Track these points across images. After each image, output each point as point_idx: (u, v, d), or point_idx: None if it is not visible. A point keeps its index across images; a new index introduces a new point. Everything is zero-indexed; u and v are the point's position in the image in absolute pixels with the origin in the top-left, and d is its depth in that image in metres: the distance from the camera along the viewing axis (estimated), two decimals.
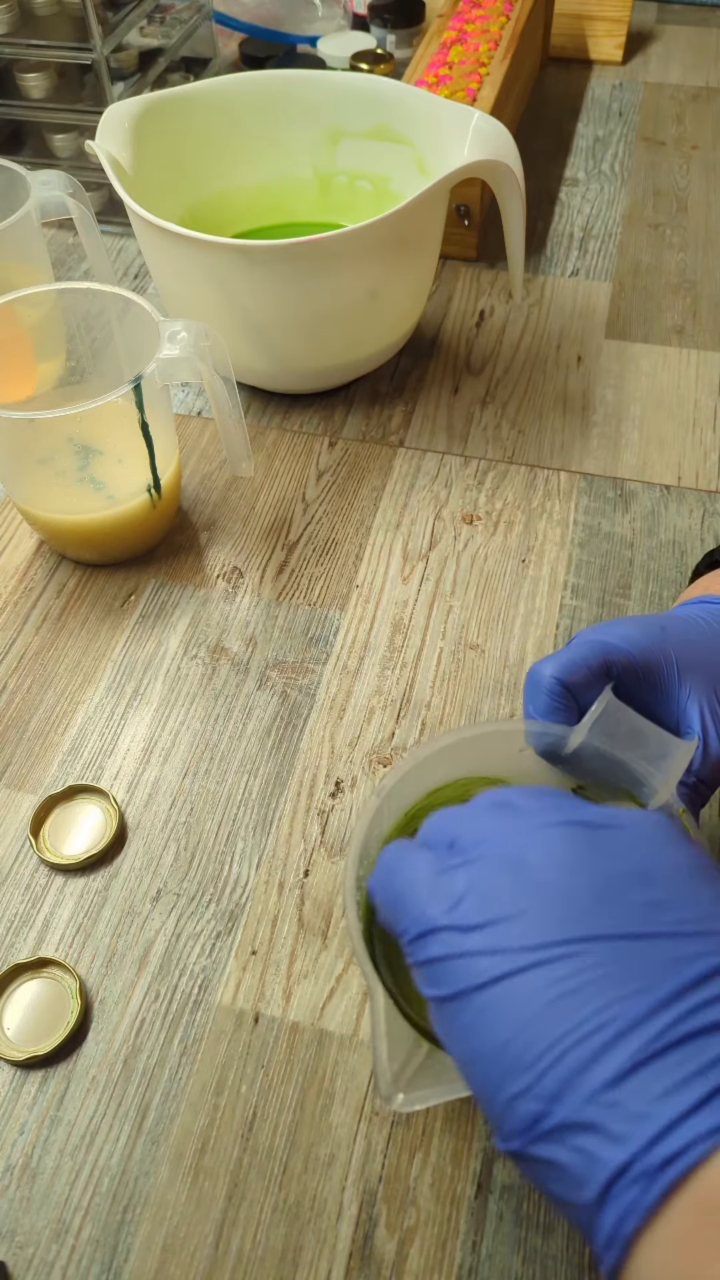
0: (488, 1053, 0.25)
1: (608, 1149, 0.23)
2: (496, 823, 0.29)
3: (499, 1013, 0.25)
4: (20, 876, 0.45)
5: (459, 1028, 0.26)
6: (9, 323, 0.54)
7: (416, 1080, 0.30)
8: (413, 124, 0.64)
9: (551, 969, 0.25)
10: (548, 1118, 0.24)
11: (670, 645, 0.37)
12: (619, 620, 0.38)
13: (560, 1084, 0.24)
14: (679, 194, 0.84)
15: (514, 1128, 0.25)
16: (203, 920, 0.44)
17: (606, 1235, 0.23)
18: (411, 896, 0.28)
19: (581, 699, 0.36)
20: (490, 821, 0.29)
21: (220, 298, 0.57)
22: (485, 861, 0.28)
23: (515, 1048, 0.25)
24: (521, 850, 0.28)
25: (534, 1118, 0.24)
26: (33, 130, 0.83)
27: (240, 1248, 0.36)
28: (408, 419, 0.65)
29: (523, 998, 0.25)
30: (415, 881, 0.29)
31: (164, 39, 0.84)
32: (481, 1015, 0.26)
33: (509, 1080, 0.25)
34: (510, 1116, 0.25)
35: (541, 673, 0.36)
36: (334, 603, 0.55)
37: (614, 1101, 0.23)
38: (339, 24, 0.99)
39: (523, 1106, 0.24)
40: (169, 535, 0.58)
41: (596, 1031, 0.24)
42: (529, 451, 0.63)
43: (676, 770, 0.34)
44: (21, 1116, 0.39)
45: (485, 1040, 0.25)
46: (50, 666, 0.53)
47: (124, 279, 0.77)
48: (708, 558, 0.48)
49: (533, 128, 0.92)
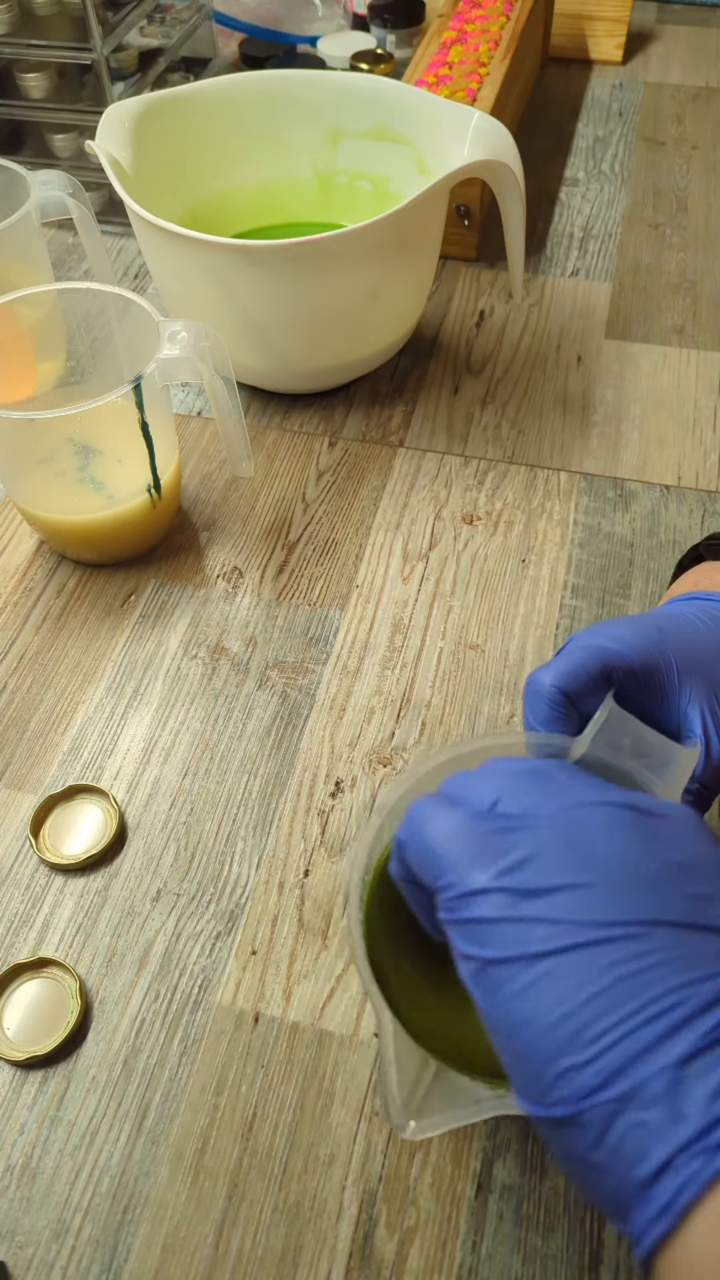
0: (542, 1022, 0.25)
1: (672, 1125, 0.24)
2: (541, 791, 0.29)
3: (559, 984, 0.25)
4: (20, 876, 0.45)
5: (509, 993, 0.26)
6: (9, 323, 0.54)
7: (427, 1105, 0.30)
8: (413, 124, 0.64)
9: (617, 947, 0.25)
10: (607, 1089, 0.24)
11: (668, 647, 0.36)
12: (614, 621, 0.37)
13: (626, 1060, 0.24)
14: (679, 194, 0.84)
15: (566, 1095, 0.25)
16: (203, 920, 0.44)
17: (660, 1206, 0.24)
18: (454, 851, 0.28)
19: (582, 706, 0.35)
20: (534, 789, 0.29)
21: (220, 298, 0.57)
22: (544, 829, 0.28)
23: (576, 1021, 0.25)
24: (576, 823, 0.28)
25: (591, 1089, 0.25)
26: (33, 130, 0.83)
27: (240, 1248, 0.36)
28: (408, 419, 0.65)
29: (586, 972, 0.25)
30: (457, 833, 0.28)
31: (164, 39, 0.84)
32: (538, 984, 0.26)
33: (566, 1051, 0.25)
34: (563, 1085, 0.25)
35: (541, 682, 0.35)
36: (334, 603, 0.55)
37: (679, 1079, 0.24)
38: (339, 24, 0.99)
39: (580, 1078, 0.25)
40: (169, 535, 0.58)
41: (663, 1014, 0.24)
42: (529, 451, 0.63)
43: (681, 778, 0.34)
44: (21, 1116, 0.39)
45: (539, 1010, 0.26)
46: (50, 666, 0.53)
47: (124, 279, 0.77)
48: (692, 551, 0.47)
49: (533, 128, 0.92)
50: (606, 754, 0.33)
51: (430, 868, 0.29)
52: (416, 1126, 0.29)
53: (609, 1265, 0.35)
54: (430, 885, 0.29)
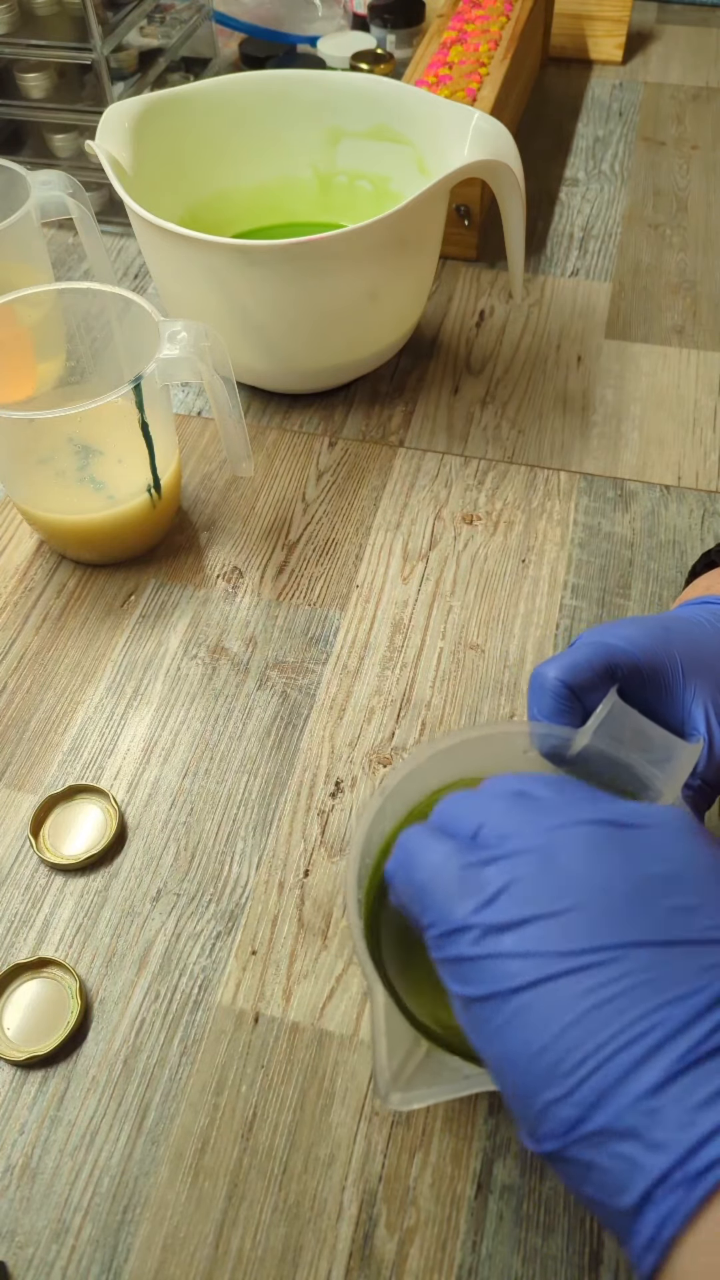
0: (523, 1056, 0.25)
1: (649, 1156, 0.23)
2: (522, 815, 0.29)
3: (535, 1017, 0.25)
4: (20, 876, 0.45)
5: (491, 1029, 0.26)
6: (9, 323, 0.54)
7: (415, 1079, 0.30)
8: (413, 124, 0.64)
9: (589, 975, 0.25)
10: (586, 1123, 0.24)
11: (674, 647, 0.36)
12: (622, 621, 0.38)
13: (601, 1091, 0.24)
14: (679, 194, 0.84)
15: (550, 1130, 0.25)
16: (203, 920, 0.44)
17: (646, 1239, 0.23)
18: (437, 888, 0.28)
19: (586, 701, 0.35)
20: (515, 814, 0.29)
21: (220, 298, 0.57)
22: (517, 858, 0.27)
23: (553, 1054, 0.25)
24: (552, 848, 0.27)
25: (573, 1123, 0.24)
26: (33, 130, 0.83)
27: (240, 1248, 0.36)
28: (408, 419, 0.65)
29: (560, 1003, 0.25)
30: (440, 872, 0.28)
31: (164, 39, 0.84)
32: (516, 1019, 0.25)
33: (547, 1085, 0.25)
34: (547, 1119, 0.25)
35: (545, 674, 0.36)
36: (334, 603, 0.55)
37: (655, 1109, 0.23)
38: (339, 24, 0.99)
39: (561, 1112, 0.24)
40: (169, 535, 0.58)
41: (637, 1040, 0.24)
42: (529, 451, 0.63)
43: (681, 773, 0.34)
44: (21, 1116, 0.39)
45: (520, 1044, 0.25)
46: (50, 666, 0.53)
47: (124, 279, 0.77)
48: (705, 558, 0.48)
49: (533, 128, 0.92)
50: (608, 746, 0.34)
51: (415, 905, 0.29)
52: (402, 1098, 0.29)
53: (609, 1265, 0.35)
54: (416, 922, 0.29)
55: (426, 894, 0.28)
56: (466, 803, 0.30)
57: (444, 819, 0.30)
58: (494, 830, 0.28)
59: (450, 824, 0.30)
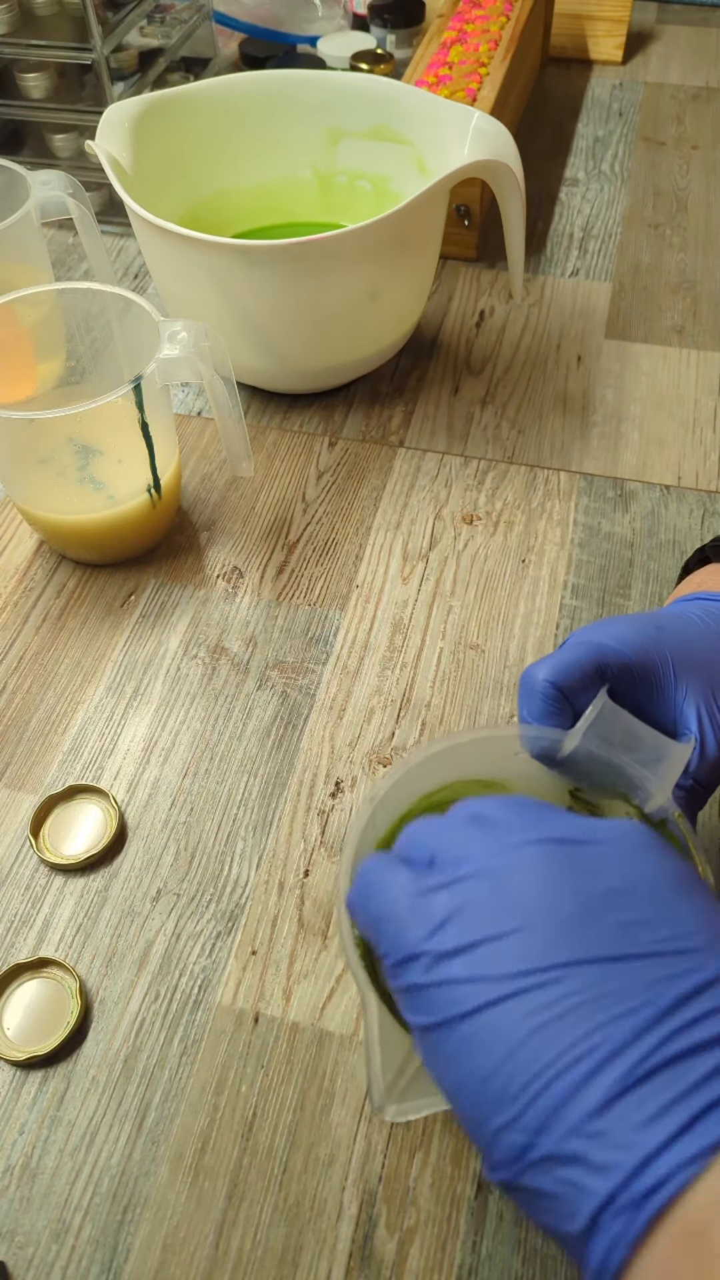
0: (472, 1084, 0.25)
1: (593, 1180, 0.23)
2: (475, 839, 0.28)
3: (481, 1043, 0.25)
4: (20, 876, 0.45)
5: (443, 1057, 0.26)
6: (9, 323, 0.54)
7: (410, 1089, 0.30)
8: (413, 124, 0.64)
9: (532, 997, 0.24)
10: (533, 1150, 0.23)
11: (666, 645, 0.36)
12: (612, 619, 0.37)
13: (544, 1116, 0.23)
14: (679, 194, 0.84)
15: (501, 1158, 0.24)
16: (203, 920, 0.44)
17: (596, 1266, 0.23)
18: (390, 918, 0.28)
19: (576, 702, 0.35)
20: (469, 838, 0.28)
21: (220, 298, 0.57)
22: (465, 883, 0.27)
23: (499, 1079, 0.24)
24: (503, 870, 0.27)
25: (520, 1149, 0.24)
26: (33, 130, 0.83)
27: (240, 1248, 0.36)
28: (408, 419, 0.65)
29: (504, 1028, 0.24)
30: (394, 901, 0.28)
31: (164, 39, 0.84)
32: (464, 1045, 0.25)
33: (494, 1112, 0.24)
34: (497, 1147, 0.24)
35: (535, 676, 0.35)
36: (334, 603, 0.55)
37: (597, 1132, 0.23)
38: (339, 24, 0.99)
39: (508, 1138, 0.24)
40: (169, 535, 0.58)
41: (579, 1061, 0.24)
42: (529, 451, 0.63)
43: (673, 773, 0.34)
44: (21, 1116, 0.39)
45: (469, 1071, 0.25)
46: (50, 666, 0.53)
47: (124, 279, 0.77)
48: (698, 553, 0.48)
49: (533, 128, 0.92)
50: (599, 748, 0.34)
51: (372, 935, 0.28)
52: (397, 1109, 0.29)
53: None
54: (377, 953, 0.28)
55: (381, 923, 0.28)
56: (424, 829, 0.30)
57: (403, 847, 0.30)
58: (447, 856, 0.28)
59: (409, 851, 0.29)
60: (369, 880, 0.29)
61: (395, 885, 0.28)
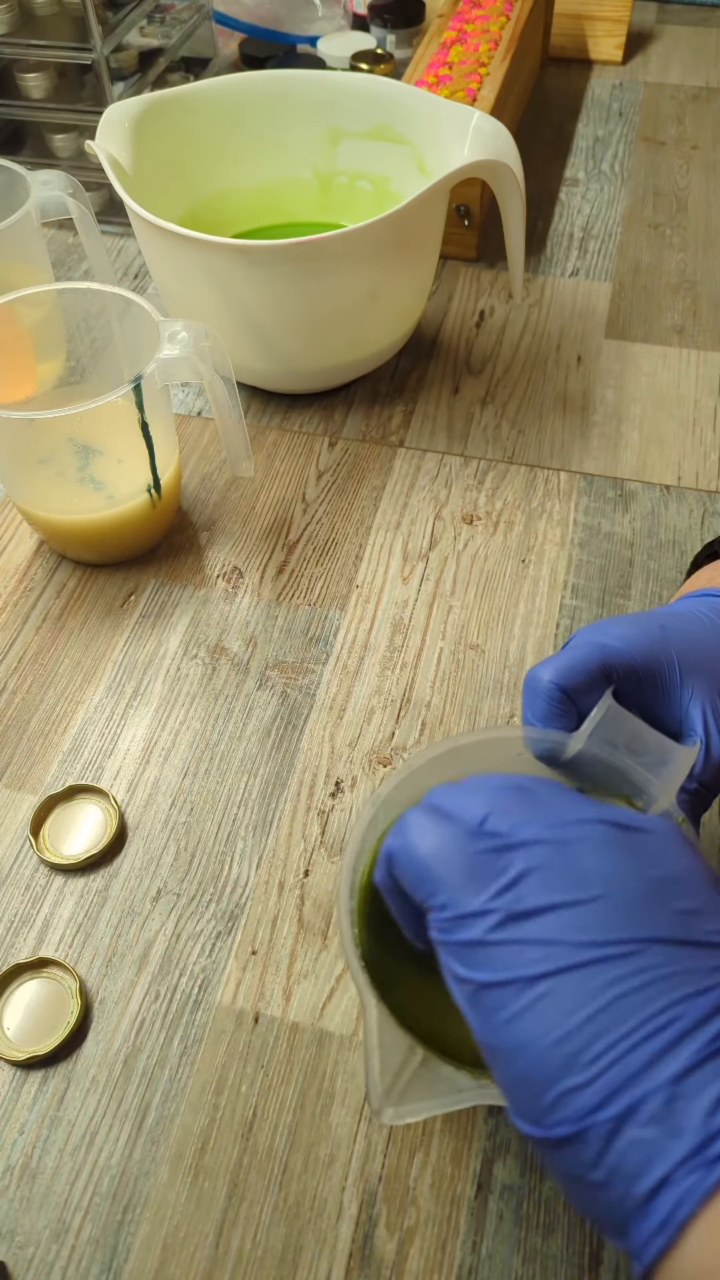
0: (539, 1045, 0.25)
1: (670, 1140, 0.24)
2: (528, 808, 0.28)
3: (555, 1006, 0.25)
4: (20, 876, 0.45)
5: (504, 1016, 0.26)
6: (9, 323, 0.54)
7: (409, 1093, 0.30)
8: (413, 124, 0.64)
9: (612, 966, 0.25)
10: (606, 1108, 0.24)
11: (672, 646, 0.36)
12: (617, 619, 0.37)
13: (625, 1078, 0.24)
14: (679, 194, 0.84)
15: (566, 1116, 0.25)
16: (203, 920, 0.44)
17: (659, 1221, 0.24)
18: (448, 870, 0.28)
19: (580, 703, 0.35)
20: (522, 805, 0.29)
21: (220, 298, 0.57)
22: (534, 847, 0.27)
23: (575, 1042, 0.25)
24: (567, 840, 0.27)
25: (591, 1109, 0.25)
26: (33, 130, 0.83)
27: (240, 1248, 0.36)
28: (408, 419, 0.65)
29: (582, 993, 0.25)
30: (450, 854, 0.28)
31: (164, 39, 0.84)
32: (534, 1006, 0.26)
33: (565, 1073, 0.25)
34: (563, 1107, 0.25)
35: (539, 677, 0.35)
36: (334, 603, 0.55)
37: (676, 1096, 0.24)
38: (339, 24, 0.99)
39: (579, 1099, 0.25)
40: (169, 535, 0.58)
41: (661, 1030, 0.25)
42: (529, 451, 0.63)
43: (677, 777, 0.34)
44: (21, 1116, 0.39)
45: (537, 1032, 0.26)
46: (50, 666, 0.53)
47: (124, 279, 0.77)
48: (707, 548, 0.47)
49: (533, 128, 0.92)
50: (603, 751, 0.33)
51: (421, 885, 0.28)
52: (395, 1112, 0.29)
53: (609, 1265, 0.35)
54: (421, 902, 0.29)
55: (434, 875, 0.28)
56: (468, 791, 0.30)
57: (442, 804, 0.30)
58: (502, 819, 0.28)
59: (452, 809, 0.29)
60: (415, 828, 0.29)
61: (448, 837, 0.28)
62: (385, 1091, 0.29)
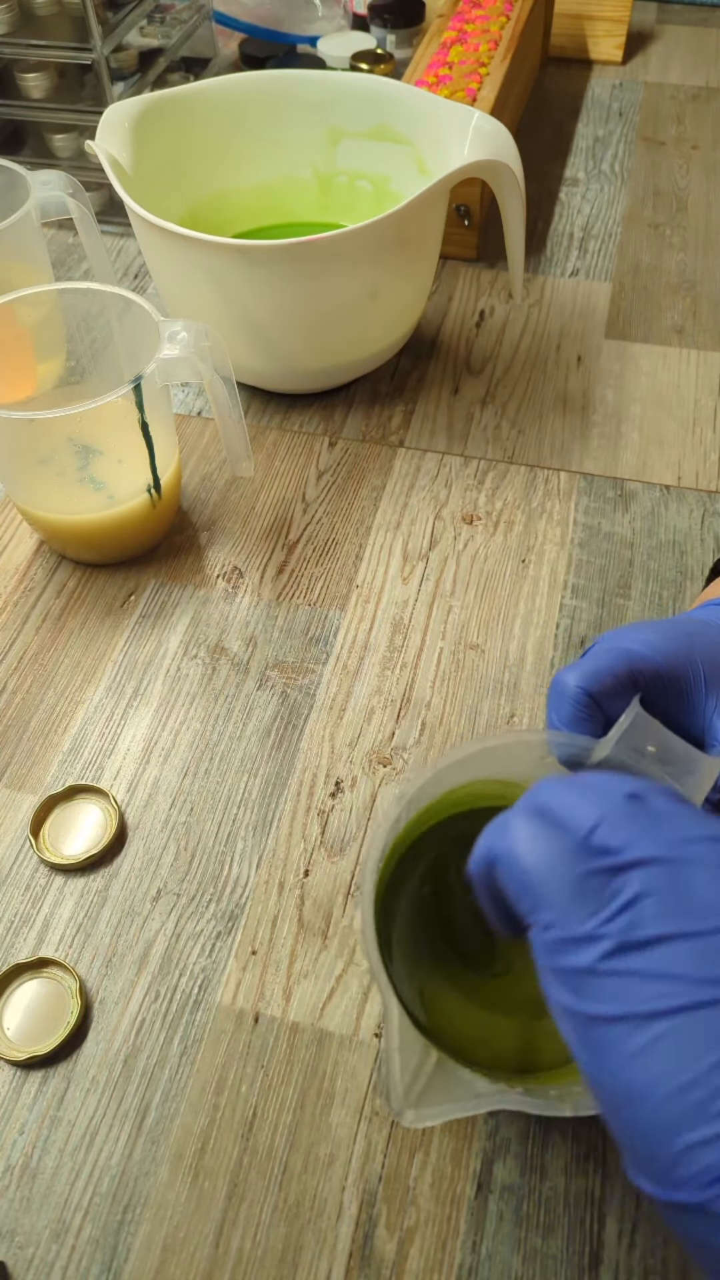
0: (659, 1091, 0.23)
1: None
2: (644, 822, 0.26)
3: (677, 1048, 0.23)
4: (20, 876, 0.45)
5: (619, 1056, 0.24)
6: (9, 323, 0.54)
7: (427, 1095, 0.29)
8: (413, 124, 0.64)
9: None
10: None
11: (698, 653, 0.35)
12: (642, 624, 0.37)
13: None
14: (679, 194, 0.84)
15: (690, 1175, 0.23)
16: (203, 920, 0.44)
17: None
18: (556, 886, 0.26)
19: (606, 709, 0.34)
20: (636, 818, 0.27)
21: (220, 298, 0.57)
22: (652, 869, 0.25)
23: (702, 1090, 0.23)
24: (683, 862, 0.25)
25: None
26: (33, 130, 0.83)
27: (240, 1248, 0.36)
28: (408, 419, 0.65)
29: (710, 1036, 0.23)
30: (559, 868, 0.26)
31: (164, 39, 0.84)
32: (653, 1048, 0.23)
33: (691, 1125, 0.23)
34: (688, 1164, 0.23)
35: (565, 682, 0.35)
36: (334, 603, 0.55)
37: None
38: (339, 24, 0.99)
39: (707, 1156, 0.22)
40: (169, 535, 0.58)
41: None
42: (529, 451, 0.63)
43: (703, 787, 0.33)
44: (21, 1116, 0.39)
45: (656, 1076, 0.23)
46: (50, 666, 0.53)
47: (124, 279, 0.77)
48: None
49: (533, 128, 0.92)
50: (629, 758, 0.33)
51: (526, 897, 0.27)
52: (415, 1115, 0.29)
53: (609, 1265, 0.35)
54: (523, 916, 0.27)
55: (543, 890, 0.26)
56: (579, 793, 0.28)
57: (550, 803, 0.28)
58: (613, 832, 0.26)
59: (559, 811, 0.27)
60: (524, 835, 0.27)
61: (557, 849, 0.26)
62: (405, 1092, 0.29)
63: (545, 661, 0.52)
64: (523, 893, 0.27)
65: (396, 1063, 0.29)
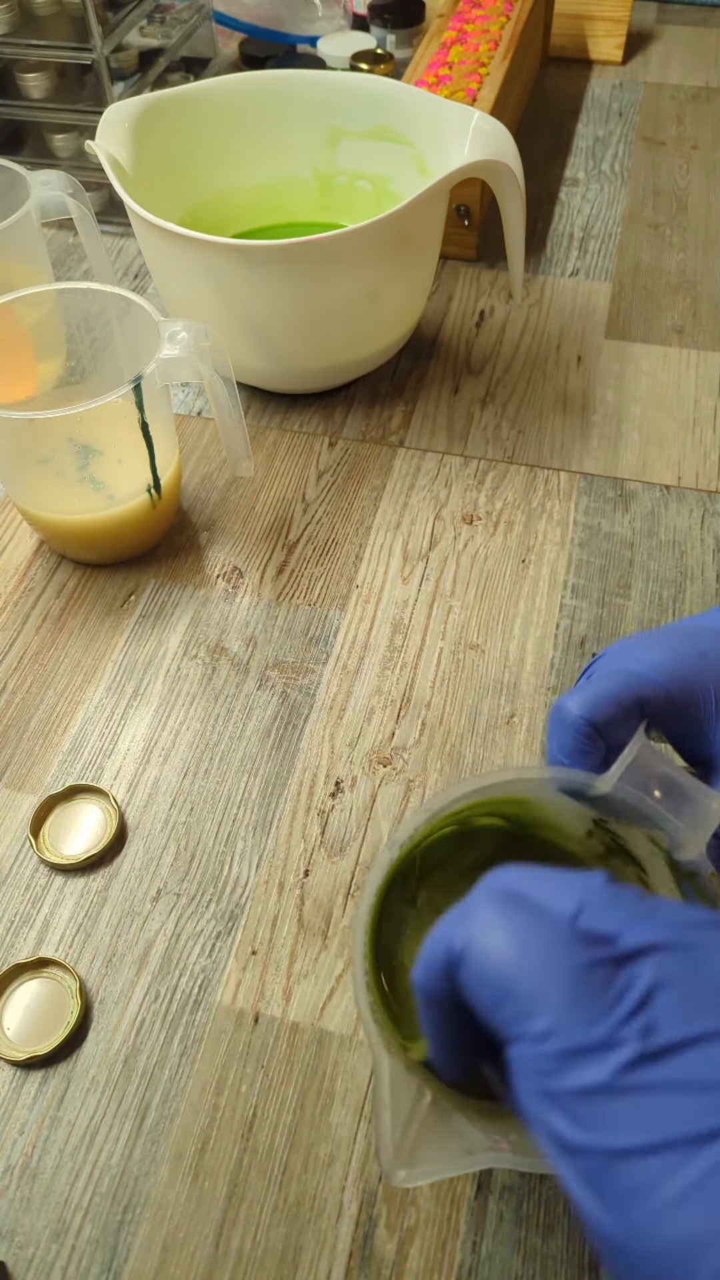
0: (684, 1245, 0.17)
1: None
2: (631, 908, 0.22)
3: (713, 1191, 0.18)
4: (20, 876, 0.45)
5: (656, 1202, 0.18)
6: (9, 323, 0.54)
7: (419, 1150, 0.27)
8: (413, 124, 0.64)
9: None
10: None
11: (709, 675, 0.32)
12: (650, 640, 0.34)
13: None
14: (679, 194, 0.84)
15: None
16: (203, 920, 0.44)
17: None
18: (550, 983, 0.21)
19: (610, 738, 0.32)
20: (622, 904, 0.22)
21: (220, 298, 0.57)
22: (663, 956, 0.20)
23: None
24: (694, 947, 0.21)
25: None
26: (33, 130, 0.83)
27: (240, 1248, 0.36)
28: (408, 419, 0.65)
29: None
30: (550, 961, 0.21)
31: (164, 39, 0.84)
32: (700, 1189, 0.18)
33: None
34: None
35: (567, 709, 0.32)
36: (334, 603, 0.55)
37: None
38: (339, 24, 0.99)
39: None
40: (169, 535, 0.58)
41: None
42: (529, 451, 0.63)
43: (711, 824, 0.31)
44: (21, 1116, 0.39)
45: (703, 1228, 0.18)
46: (50, 666, 0.53)
47: (124, 279, 0.77)
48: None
49: (533, 128, 0.92)
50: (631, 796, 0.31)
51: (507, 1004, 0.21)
52: (407, 1175, 0.27)
53: None
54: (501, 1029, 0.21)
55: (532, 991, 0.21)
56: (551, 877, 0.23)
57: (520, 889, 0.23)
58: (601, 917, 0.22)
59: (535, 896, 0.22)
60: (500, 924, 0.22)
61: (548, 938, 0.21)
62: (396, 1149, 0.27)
63: (545, 661, 0.52)
64: (502, 998, 0.21)
65: (387, 1118, 0.27)
